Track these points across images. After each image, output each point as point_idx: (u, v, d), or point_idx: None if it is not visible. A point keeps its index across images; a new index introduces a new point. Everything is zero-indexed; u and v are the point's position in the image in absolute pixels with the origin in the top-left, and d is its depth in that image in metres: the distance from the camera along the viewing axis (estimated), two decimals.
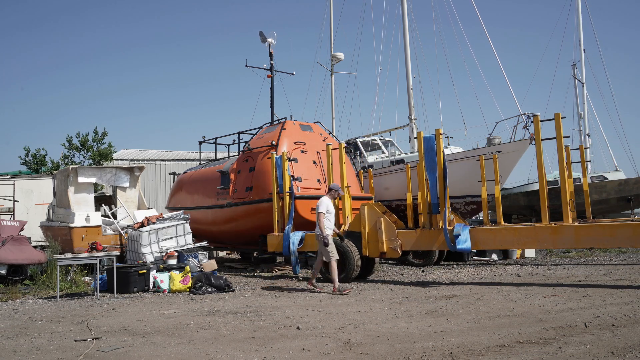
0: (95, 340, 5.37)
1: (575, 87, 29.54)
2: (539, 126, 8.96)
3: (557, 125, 8.79)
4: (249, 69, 17.70)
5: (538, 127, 8.98)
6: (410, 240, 9.70)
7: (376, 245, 9.85)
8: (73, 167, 13.05)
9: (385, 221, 9.88)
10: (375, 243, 9.87)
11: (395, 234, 9.72)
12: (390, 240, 9.74)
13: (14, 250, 10.18)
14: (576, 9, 28.39)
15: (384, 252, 9.78)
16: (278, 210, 11.76)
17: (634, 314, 5.92)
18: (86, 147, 24.23)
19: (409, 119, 19.51)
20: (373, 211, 10.10)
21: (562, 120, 8.83)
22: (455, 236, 9.05)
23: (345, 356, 4.56)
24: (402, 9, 20.08)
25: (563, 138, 8.82)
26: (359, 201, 13.18)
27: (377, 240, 9.84)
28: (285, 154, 11.77)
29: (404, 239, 9.71)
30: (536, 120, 9.03)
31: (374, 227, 9.93)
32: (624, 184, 20.00)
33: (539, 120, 8.99)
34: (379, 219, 9.89)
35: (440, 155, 9.41)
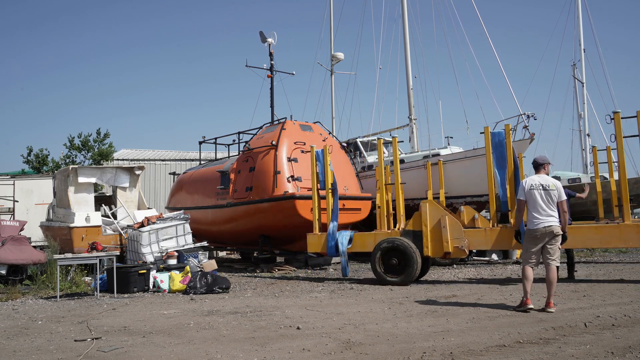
0: (95, 340, 5.37)
1: (575, 87, 29.58)
2: (620, 123, 8.76)
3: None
4: (249, 69, 17.74)
5: (619, 124, 8.75)
6: (481, 240, 9.20)
7: (440, 244, 9.34)
8: (73, 167, 13.06)
9: (450, 219, 9.37)
10: (439, 242, 9.35)
11: (462, 233, 9.23)
12: (456, 240, 9.25)
13: (14, 250, 10.18)
14: (576, 9, 28.41)
15: (449, 252, 9.28)
16: (318, 209, 11.13)
17: (634, 314, 5.92)
18: (87, 147, 24.27)
19: (409, 119, 19.50)
20: (436, 208, 9.53)
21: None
22: None
23: (345, 356, 4.56)
24: (402, 8, 20.08)
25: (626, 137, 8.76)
26: (359, 201, 13.23)
27: (441, 240, 9.33)
28: (327, 147, 11.21)
29: (472, 238, 9.23)
30: (617, 117, 8.79)
31: (437, 225, 9.42)
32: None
33: (620, 117, 8.78)
34: (443, 217, 9.37)
35: (510, 151, 9.12)
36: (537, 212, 6.43)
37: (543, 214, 6.40)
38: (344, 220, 12.59)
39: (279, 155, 12.60)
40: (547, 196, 6.44)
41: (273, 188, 12.40)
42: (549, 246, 6.42)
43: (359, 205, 13.12)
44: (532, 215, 6.48)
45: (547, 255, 6.43)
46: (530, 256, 6.52)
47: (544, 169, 6.72)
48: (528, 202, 6.55)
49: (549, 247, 6.42)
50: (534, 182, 6.53)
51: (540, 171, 6.70)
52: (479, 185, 13.05)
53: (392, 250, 9.56)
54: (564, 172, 24.09)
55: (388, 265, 9.62)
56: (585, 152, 27.35)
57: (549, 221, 6.37)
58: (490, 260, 14.10)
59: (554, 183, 6.52)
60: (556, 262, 6.39)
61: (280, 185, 12.34)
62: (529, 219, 6.55)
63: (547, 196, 6.44)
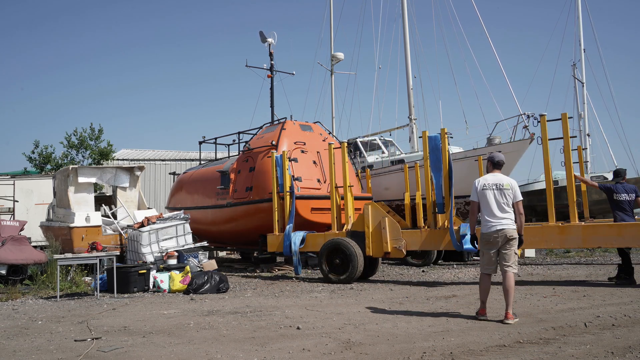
0: (95, 340, 5.37)
1: (575, 87, 29.56)
2: (546, 126, 8.89)
3: (564, 125, 8.74)
4: (249, 69, 17.74)
5: (545, 127, 8.89)
6: (416, 240, 9.60)
7: (380, 245, 9.75)
8: (73, 167, 13.06)
9: (390, 221, 9.78)
10: (379, 243, 9.76)
11: (399, 234, 9.62)
12: (394, 240, 9.64)
13: (14, 250, 10.19)
14: (576, 9, 28.42)
15: (388, 252, 9.68)
16: (278, 210, 11.72)
17: (634, 314, 5.92)
18: (84, 146, 24.18)
19: (409, 119, 19.51)
20: (377, 210, 9.99)
21: (568, 120, 8.79)
22: (462, 236, 8.95)
23: (345, 356, 4.56)
24: (401, 8, 20.10)
25: (570, 138, 8.78)
26: (360, 201, 13.22)
27: (381, 240, 9.74)
28: (285, 152, 11.76)
29: (408, 239, 9.61)
30: (543, 120, 8.93)
31: (377, 226, 9.83)
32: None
33: (546, 120, 8.91)
34: (383, 219, 9.79)
35: (446, 155, 9.33)
36: (491, 214, 5.96)
37: (497, 216, 5.93)
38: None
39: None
40: (501, 196, 5.95)
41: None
42: (503, 251, 5.92)
43: (359, 205, 13.10)
44: (485, 218, 6.01)
45: (502, 261, 5.93)
46: (486, 262, 6.06)
47: (499, 169, 6.23)
48: (481, 203, 6.06)
49: (504, 252, 5.91)
50: (487, 181, 6.05)
51: (495, 171, 6.20)
52: None
53: (336, 251, 10.00)
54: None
55: (333, 265, 10.07)
56: (586, 152, 27.35)
57: (502, 224, 5.89)
58: None
59: (509, 182, 6.02)
60: (513, 269, 5.90)
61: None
62: (483, 222, 6.08)
63: (501, 196, 5.95)
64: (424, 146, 9.79)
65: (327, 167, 12.57)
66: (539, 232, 8.81)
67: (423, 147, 9.86)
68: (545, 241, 8.81)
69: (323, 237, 10.65)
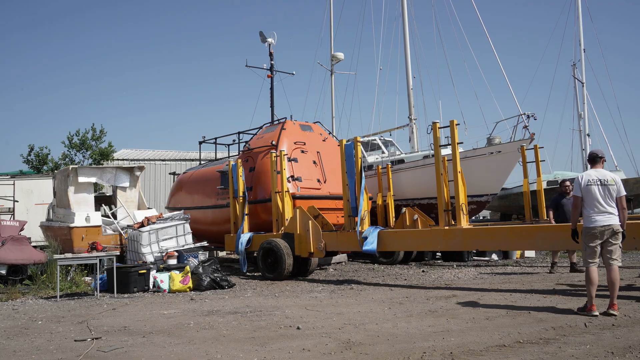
0: (95, 340, 5.37)
1: (575, 87, 29.55)
2: (438, 132, 9.39)
3: (451, 132, 9.20)
4: (249, 69, 17.74)
5: (437, 133, 9.38)
6: (333, 241, 10.33)
7: (306, 245, 10.49)
8: (73, 167, 13.05)
9: (313, 224, 10.51)
10: (306, 244, 10.50)
11: (320, 236, 10.36)
12: (316, 241, 10.39)
13: (14, 250, 10.18)
14: (576, 9, 28.40)
15: (312, 252, 10.45)
16: (234, 213, 12.54)
17: (634, 314, 5.92)
18: (86, 146, 24.19)
19: (409, 119, 19.50)
20: (304, 215, 10.74)
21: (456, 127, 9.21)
22: (364, 238, 9.61)
23: (345, 356, 4.56)
24: (401, 9, 20.08)
25: (458, 144, 9.25)
26: None
27: (307, 241, 10.47)
28: (239, 162, 12.52)
29: (328, 240, 10.34)
30: (435, 126, 9.46)
31: (304, 229, 10.59)
32: (624, 184, 19.98)
33: (438, 127, 9.42)
34: (308, 222, 10.54)
35: (358, 162, 10.00)
36: (596, 210, 6.02)
37: (602, 211, 6.00)
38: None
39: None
40: (605, 192, 6.03)
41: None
42: (609, 247, 5.99)
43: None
44: (590, 213, 6.07)
45: (607, 255, 6.00)
46: (591, 256, 6.06)
47: (600, 164, 6.33)
48: (585, 198, 6.10)
49: (610, 247, 5.99)
50: (591, 177, 6.11)
51: (597, 166, 6.30)
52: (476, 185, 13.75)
53: (269, 250, 10.81)
54: (564, 172, 24.07)
55: (267, 263, 10.85)
56: (586, 152, 27.34)
57: (608, 218, 5.98)
58: (490, 261, 14.11)
59: (613, 177, 6.09)
60: (618, 262, 5.99)
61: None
62: (586, 217, 6.12)
63: (605, 192, 6.03)
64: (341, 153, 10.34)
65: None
66: (429, 235, 9.39)
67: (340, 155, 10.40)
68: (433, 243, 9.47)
69: (263, 237, 11.49)
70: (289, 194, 11.63)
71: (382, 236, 9.67)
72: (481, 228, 9.38)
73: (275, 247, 10.62)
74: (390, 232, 10.07)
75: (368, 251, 9.67)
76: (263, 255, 10.92)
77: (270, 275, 10.66)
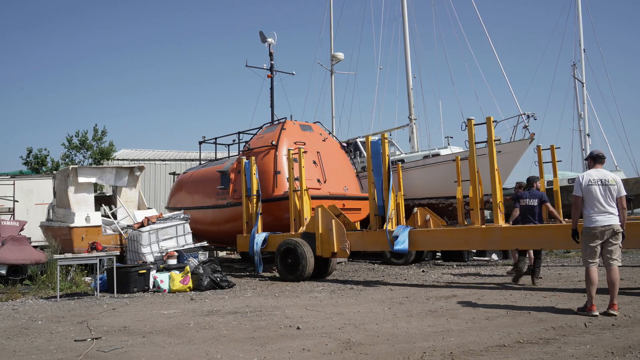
0: (95, 340, 5.37)
1: (575, 87, 29.54)
2: (473, 129, 9.12)
3: (488, 129, 8.99)
4: (249, 69, 17.73)
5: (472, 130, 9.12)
6: (358, 241, 10.05)
7: (328, 245, 10.19)
8: (73, 167, 13.05)
9: (336, 223, 10.21)
10: (328, 244, 10.20)
11: (344, 235, 10.06)
12: (340, 241, 10.07)
13: (14, 250, 10.18)
14: (576, 10, 28.39)
15: (335, 252, 10.15)
16: (247, 212, 12.24)
17: (634, 314, 5.92)
18: (86, 146, 24.20)
19: (409, 119, 19.50)
20: (326, 213, 10.43)
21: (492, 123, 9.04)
22: (395, 237, 9.30)
23: (345, 356, 4.56)
24: (402, 8, 20.08)
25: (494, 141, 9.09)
26: (359, 201, 13.22)
27: (329, 241, 10.17)
28: (253, 160, 12.24)
29: (352, 240, 10.03)
30: (470, 123, 9.17)
31: (326, 228, 10.28)
32: (624, 184, 19.97)
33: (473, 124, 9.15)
34: (331, 221, 10.23)
35: (386, 160, 9.65)
36: (596, 209, 6.04)
37: (602, 211, 6.01)
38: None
39: (279, 155, 12.61)
40: (606, 191, 6.05)
41: (273, 188, 12.42)
42: (609, 247, 6.01)
43: (358, 205, 13.12)
44: (590, 213, 6.08)
45: (607, 255, 6.01)
46: (591, 256, 6.08)
47: (601, 164, 6.37)
48: (586, 198, 6.11)
49: (610, 247, 6.00)
50: (592, 177, 6.13)
51: (598, 166, 6.32)
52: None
53: (289, 251, 10.49)
54: (564, 172, 24.06)
55: (286, 264, 10.55)
56: (586, 152, 27.33)
57: (608, 219, 5.99)
58: (490, 261, 14.11)
59: (614, 177, 6.12)
60: (618, 262, 5.99)
61: (281, 185, 12.36)
62: (587, 216, 6.13)
63: (606, 191, 6.05)
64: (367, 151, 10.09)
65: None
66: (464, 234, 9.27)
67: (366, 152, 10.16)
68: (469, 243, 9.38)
69: (281, 237, 11.15)
70: (307, 193, 11.36)
71: (413, 235, 9.39)
72: (520, 227, 8.95)
73: (295, 247, 10.29)
74: (422, 231, 9.91)
75: (399, 251, 9.43)
76: (282, 256, 10.59)
77: (291, 276, 10.32)
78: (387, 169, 9.63)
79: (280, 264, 10.64)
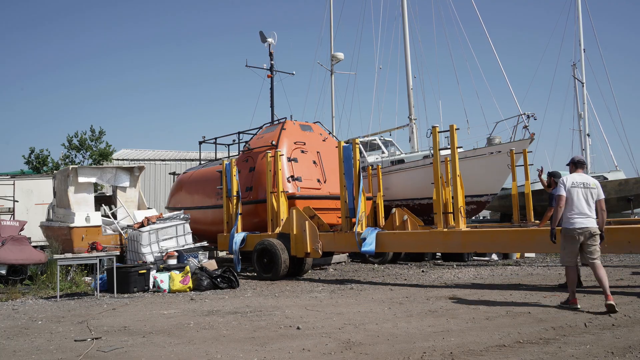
0: (95, 340, 5.37)
1: (575, 87, 29.55)
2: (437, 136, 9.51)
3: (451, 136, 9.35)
4: (249, 69, 17.73)
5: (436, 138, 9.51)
6: (330, 242, 10.41)
7: (302, 246, 10.54)
8: (73, 167, 13.05)
9: (310, 224, 10.56)
10: (302, 244, 10.55)
11: (317, 236, 10.43)
12: (313, 242, 10.45)
13: (14, 250, 10.18)
14: (576, 10, 28.39)
15: (308, 252, 10.50)
16: (227, 213, 12.61)
17: (634, 314, 5.92)
18: (85, 147, 24.28)
19: (409, 119, 19.50)
20: (300, 215, 10.78)
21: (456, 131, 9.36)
22: (363, 239, 9.72)
23: (345, 356, 4.56)
24: (401, 8, 20.09)
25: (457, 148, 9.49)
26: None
27: (303, 242, 10.52)
28: (234, 160, 12.73)
29: (324, 240, 10.42)
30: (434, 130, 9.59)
31: (300, 229, 10.63)
32: (624, 184, 19.99)
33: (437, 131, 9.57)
34: (304, 222, 10.57)
35: (356, 164, 10.04)
36: (576, 212, 6.27)
37: (582, 214, 6.25)
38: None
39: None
40: (587, 194, 6.31)
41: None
42: (587, 249, 6.27)
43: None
44: (570, 215, 6.32)
45: (587, 255, 6.28)
46: (569, 256, 6.38)
47: (582, 169, 6.62)
48: (567, 200, 6.34)
49: (589, 248, 6.26)
50: (575, 180, 6.39)
51: (579, 170, 6.59)
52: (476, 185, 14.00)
53: (265, 250, 10.82)
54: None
55: (262, 263, 10.88)
56: (586, 152, 27.33)
57: (587, 222, 6.23)
58: (490, 261, 14.10)
59: (594, 182, 6.40)
60: (598, 260, 6.24)
61: (280, 185, 12.35)
62: (566, 218, 6.36)
63: (587, 194, 6.31)
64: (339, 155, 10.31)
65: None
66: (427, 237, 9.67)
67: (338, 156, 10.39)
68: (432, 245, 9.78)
69: (258, 237, 11.45)
70: (284, 194, 11.64)
71: (380, 237, 9.79)
72: (480, 230, 9.54)
73: (270, 247, 10.65)
74: (388, 233, 10.18)
75: (366, 252, 9.78)
76: (258, 255, 10.97)
77: (267, 275, 10.67)
78: (357, 173, 10.04)
79: (257, 263, 10.96)
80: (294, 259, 10.76)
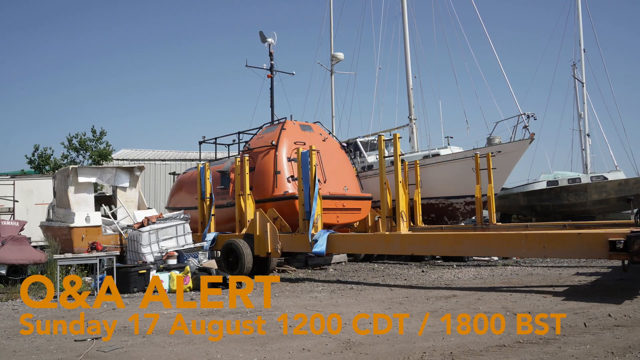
0: (95, 340, 5.37)
1: (575, 87, 29.49)
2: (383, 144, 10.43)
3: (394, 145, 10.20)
4: (249, 69, 17.73)
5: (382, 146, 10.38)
6: (288, 243, 10.95)
7: (264, 246, 11.14)
8: (73, 167, 13.05)
9: (271, 226, 11.14)
10: (264, 244, 11.16)
11: (277, 237, 11.00)
12: (273, 242, 11.04)
13: (14, 250, 10.17)
14: (576, 10, 28.36)
15: (269, 252, 11.09)
16: (201, 213, 13.57)
17: (634, 314, 5.92)
18: (85, 147, 24.27)
19: (409, 119, 19.50)
20: (263, 217, 11.41)
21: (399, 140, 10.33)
22: (315, 240, 10.22)
23: (345, 356, 4.56)
24: (401, 8, 20.08)
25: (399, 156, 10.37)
26: (359, 201, 13.23)
27: (265, 242, 11.13)
28: (207, 164, 13.62)
29: (284, 241, 10.98)
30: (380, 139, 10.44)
31: (262, 230, 11.26)
32: (624, 183, 19.99)
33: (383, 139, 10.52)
34: (266, 224, 11.17)
35: (313, 169, 10.56)
36: None
37: None
38: (344, 220, 12.61)
39: (279, 155, 12.59)
40: None
41: (273, 188, 12.40)
42: None
43: (358, 205, 13.12)
44: None
45: None
46: None
47: None
48: None
49: None
50: None
51: None
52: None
53: (231, 250, 11.44)
54: (564, 172, 24.06)
55: (229, 261, 11.48)
56: (586, 152, 27.31)
57: None
58: (490, 261, 14.10)
59: None
60: None
61: (281, 185, 12.35)
62: None
63: None
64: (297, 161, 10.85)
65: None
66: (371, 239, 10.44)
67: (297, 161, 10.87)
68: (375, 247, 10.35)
69: (226, 237, 12.10)
70: (251, 197, 12.21)
71: (331, 239, 10.27)
72: (416, 234, 10.31)
73: (235, 247, 11.22)
74: (338, 235, 10.58)
75: (317, 253, 10.23)
76: (225, 254, 11.55)
77: (232, 273, 10.94)
78: (313, 178, 10.56)
79: (224, 262, 11.53)
80: (258, 258, 11.28)
